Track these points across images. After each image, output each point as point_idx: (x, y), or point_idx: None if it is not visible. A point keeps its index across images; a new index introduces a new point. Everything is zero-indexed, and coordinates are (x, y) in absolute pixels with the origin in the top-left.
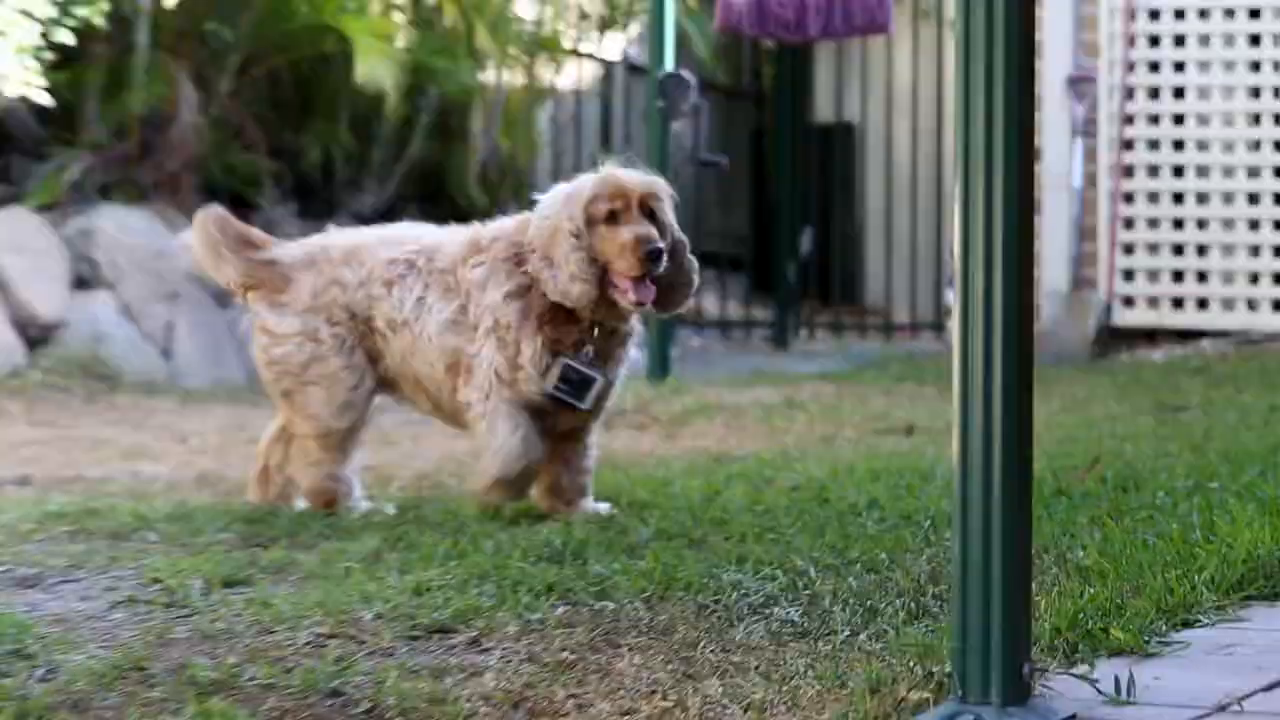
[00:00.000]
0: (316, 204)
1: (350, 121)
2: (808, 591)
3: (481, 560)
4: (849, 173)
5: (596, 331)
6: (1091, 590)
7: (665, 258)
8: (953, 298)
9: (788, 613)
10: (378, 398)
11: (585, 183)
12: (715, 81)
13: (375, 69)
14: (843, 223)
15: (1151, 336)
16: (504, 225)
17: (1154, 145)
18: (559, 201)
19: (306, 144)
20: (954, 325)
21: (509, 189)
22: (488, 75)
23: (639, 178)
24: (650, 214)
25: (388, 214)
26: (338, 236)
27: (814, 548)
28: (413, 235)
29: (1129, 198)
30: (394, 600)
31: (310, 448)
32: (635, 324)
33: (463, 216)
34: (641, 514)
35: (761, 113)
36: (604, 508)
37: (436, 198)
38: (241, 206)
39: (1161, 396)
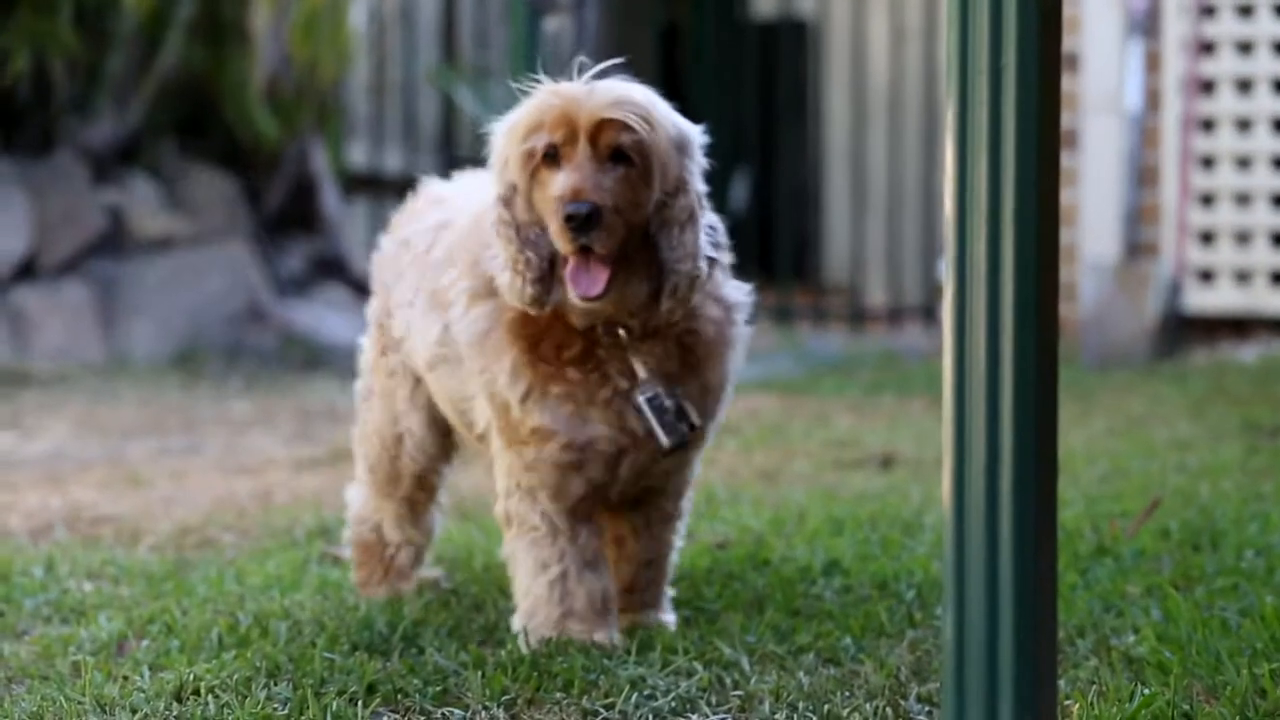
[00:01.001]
0: (26, 134)
1: (75, 17)
2: (739, 692)
3: (271, 650)
4: (801, 92)
5: (608, 338)
6: (1147, 691)
7: (600, 223)
8: (945, 272)
9: None
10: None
11: (522, 107)
12: None
13: None
14: (793, 164)
15: (1240, 327)
16: None
17: (1245, 49)
18: (497, 141)
19: (10, 48)
20: (947, 312)
21: (310, 113)
22: None
23: (594, 93)
24: (616, 153)
25: (132, 149)
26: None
27: (748, 629)
28: (454, 193)
29: (1209, 125)
30: (144, 710)
31: (359, 475)
32: (711, 319)
33: (242, 152)
34: (501, 582)
35: (675, 4)
36: (669, 619)
37: (204, 126)
38: None
39: (1253, 413)
